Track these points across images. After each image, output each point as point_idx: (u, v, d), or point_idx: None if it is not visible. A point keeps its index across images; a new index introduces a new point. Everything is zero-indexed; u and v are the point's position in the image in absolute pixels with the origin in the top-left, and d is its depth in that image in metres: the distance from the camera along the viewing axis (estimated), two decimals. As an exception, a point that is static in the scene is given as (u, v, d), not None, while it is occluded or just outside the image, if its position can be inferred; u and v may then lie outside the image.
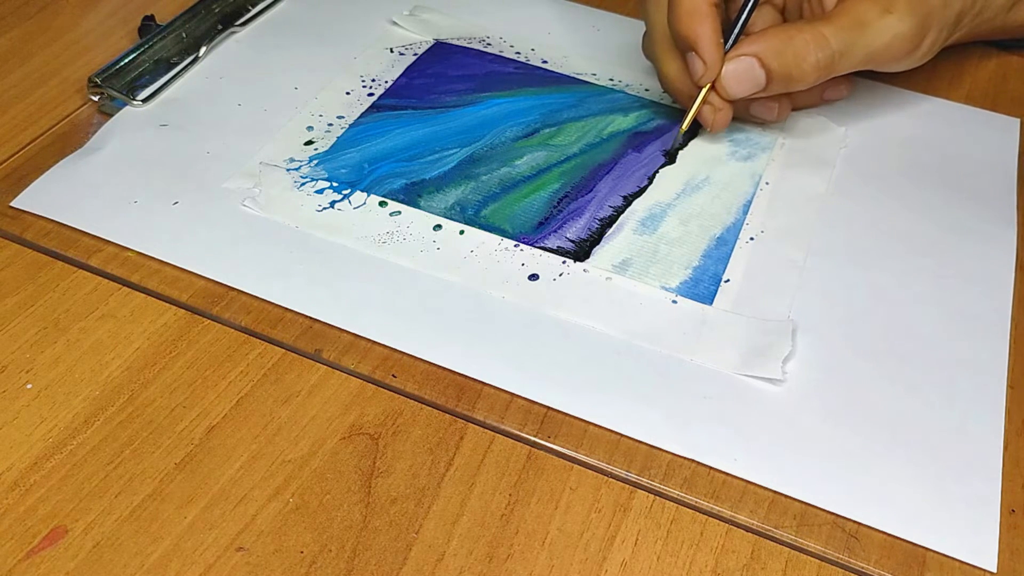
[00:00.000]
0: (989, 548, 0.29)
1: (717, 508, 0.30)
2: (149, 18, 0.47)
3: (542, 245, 0.38)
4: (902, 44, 0.40)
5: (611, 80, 0.46)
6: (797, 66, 0.39)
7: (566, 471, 0.31)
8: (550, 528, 0.30)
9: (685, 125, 0.41)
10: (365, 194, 0.39)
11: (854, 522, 0.30)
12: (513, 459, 0.31)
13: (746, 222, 0.39)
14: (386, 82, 0.45)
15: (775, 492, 0.30)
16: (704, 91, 0.40)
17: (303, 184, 0.39)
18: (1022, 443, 0.32)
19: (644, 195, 0.40)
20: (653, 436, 0.31)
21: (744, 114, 0.43)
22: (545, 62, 0.47)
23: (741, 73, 0.39)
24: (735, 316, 0.35)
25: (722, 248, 0.38)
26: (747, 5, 0.41)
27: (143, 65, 0.44)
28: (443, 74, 0.46)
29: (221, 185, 0.39)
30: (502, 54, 0.47)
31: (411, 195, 0.39)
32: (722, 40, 0.39)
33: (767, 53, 0.39)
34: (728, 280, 0.37)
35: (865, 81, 0.47)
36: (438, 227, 0.38)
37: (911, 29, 0.40)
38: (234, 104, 0.43)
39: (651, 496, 0.31)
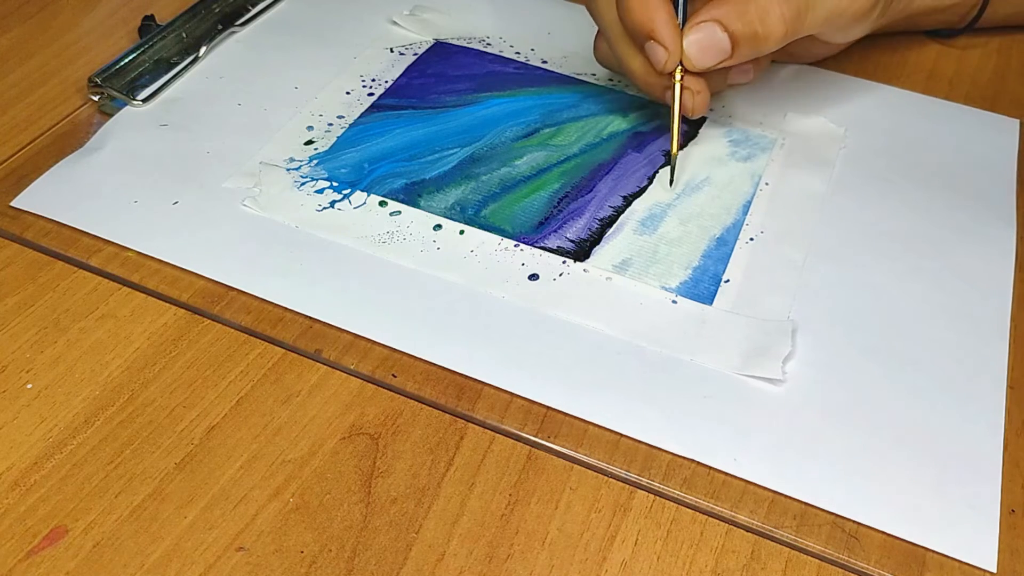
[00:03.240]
0: (989, 548, 0.29)
1: (717, 508, 0.30)
2: (149, 18, 0.47)
3: (542, 245, 0.38)
4: (864, 1, 0.39)
5: (611, 80, 0.46)
6: (762, 22, 0.37)
7: (566, 471, 0.31)
8: (550, 528, 0.30)
9: (674, 144, 0.40)
10: (365, 194, 0.39)
11: (854, 522, 0.30)
12: (513, 459, 0.31)
13: (746, 222, 0.39)
14: (386, 82, 0.45)
15: (775, 492, 0.30)
16: (678, 87, 0.39)
17: (303, 184, 0.39)
18: (1022, 443, 0.32)
19: (644, 195, 0.40)
20: (653, 436, 0.31)
21: (722, 86, 0.42)
22: (545, 62, 0.47)
23: (704, 41, 0.37)
24: (735, 316, 0.35)
25: (722, 248, 0.38)
26: None
27: (143, 65, 0.44)
28: (443, 74, 0.46)
29: (221, 185, 0.39)
30: (502, 54, 0.47)
31: (411, 195, 0.39)
32: (677, 21, 0.38)
33: (728, 15, 0.37)
34: (728, 280, 0.37)
35: (865, 82, 0.47)
36: (438, 227, 0.38)
37: None
38: (234, 104, 0.43)
39: (651, 496, 0.31)
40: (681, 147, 0.43)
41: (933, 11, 0.47)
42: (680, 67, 0.39)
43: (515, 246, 0.37)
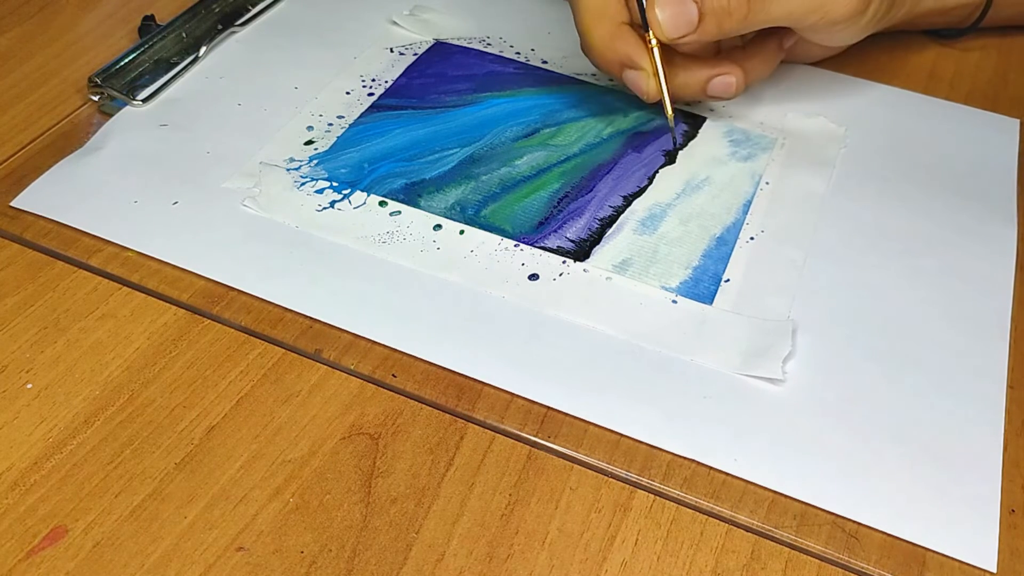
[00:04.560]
0: (989, 548, 0.29)
1: (717, 508, 0.30)
2: (149, 18, 0.47)
3: (542, 245, 0.38)
4: (847, 7, 0.39)
5: (611, 80, 0.46)
6: None
7: (566, 471, 0.31)
8: (550, 528, 0.30)
9: (667, 106, 0.40)
10: (365, 194, 0.39)
11: (854, 522, 0.30)
12: (513, 459, 0.31)
13: (746, 222, 0.39)
14: (386, 82, 0.45)
15: (775, 492, 0.30)
16: (658, 56, 0.39)
17: (303, 184, 0.39)
18: (1022, 443, 0.32)
19: (644, 195, 0.40)
20: (653, 436, 0.32)
21: (701, 94, 0.42)
22: (545, 62, 0.47)
23: (672, 7, 0.38)
24: (735, 316, 0.35)
25: (722, 248, 0.38)
26: None
27: (143, 65, 0.44)
28: (443, 74, 0.46)
29: (221, 185, 0.39)
30: (502, 54, 0.47)
31: (411, 195, 0.39)
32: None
33: None
34: (728, 280, 0.37)
35: (865, 82, 0.47)
36: (438, 227, 0.38)
37: None
38: (234, 104, 0.43)
39: (651, 496, 0.31)
40: (681, 146, 0.43)
41: (936, 13, 0.48)
42: (652, 36, 0.39)
43: (515, 246, 0.37)
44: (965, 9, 0.48)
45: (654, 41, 0.39)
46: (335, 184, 0.40)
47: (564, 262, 0.37)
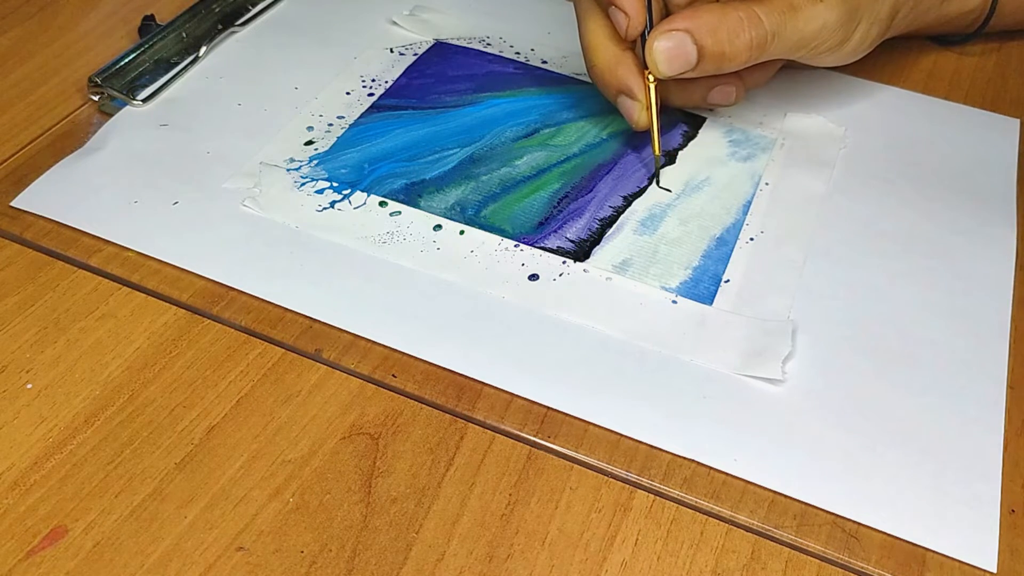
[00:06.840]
0: (989, 548, 0.29)
1: (717, 508, 0.30)
2: (149, 18, 0.47)
3: (542, 245, 0.38)
4: (831, 34, 0.39)
5: (611, 80, 0.46)
6: (731, 43, 0.38)
7: (566, 471, 0.31)
8: (550, 528, 0.30)
9: (656, 146, 0.40)
10: (365, 194, 0.39)
11: (854, 522, 0.30)
12: (513, 459, 0.31)
13: (746, 222, 0.39)
14: (386, 82, 0.45)
15: (775, 492, 0.30)
16: (653, 92, 0.39)
17: (303, 184, 0.39)
18: (1022, 443, 0.32)
19: (644, 195, 0.40)
20: (653, 436, 0.32)
21: (701, 103, 0.42)
22: (545, 62, 0.47)
23: (672, 49, 0.38)
24: (735, 316, 0.35)
25: (722, 248, 0.38)
26: None
27: (143, 65, 0.44)
28: (443, 74, 0.46)
29: (221, 185, 0.39)
30: (502, 54, 0.47)
31: (411, 195, 0.39)
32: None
33: (700, 29, 0.37)
34: (728, 280, 0.37)
35: (864, 82, 0.47)
36: (438, 227, 0.38)
37: (839, 19, 0.39)
38: (234, 104, 0.43)
39: (651, 496, 0.31)
40: (681, 147, 0.43)
41: (939, 24, 0.48)
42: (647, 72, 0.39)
43: (515, 246, 0.37)
44: (967, 17, 0.48)
45: (651, 78, 0.39)
46: (335, 184, 0.40)
47: (564, 262, 0.37)
